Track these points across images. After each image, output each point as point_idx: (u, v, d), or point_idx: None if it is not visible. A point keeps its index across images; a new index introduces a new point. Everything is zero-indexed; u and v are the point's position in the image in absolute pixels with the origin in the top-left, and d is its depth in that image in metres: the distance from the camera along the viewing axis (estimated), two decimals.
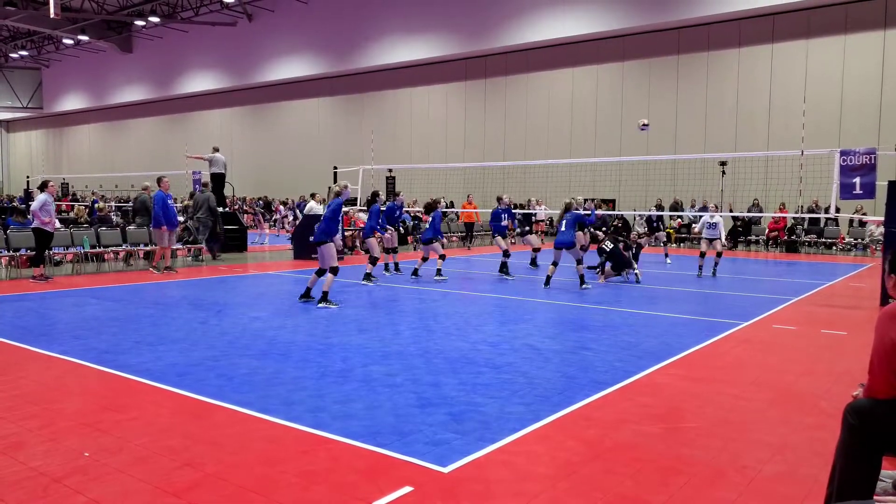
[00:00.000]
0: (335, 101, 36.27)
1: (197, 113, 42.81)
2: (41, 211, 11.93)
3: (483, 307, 9.74)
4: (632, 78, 26.87)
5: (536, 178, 26.81)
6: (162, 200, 13.29)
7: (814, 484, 3.69)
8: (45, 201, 12.03)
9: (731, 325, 8.39)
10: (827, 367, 6.38)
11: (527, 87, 29.59)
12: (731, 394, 5.38)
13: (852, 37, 22.33)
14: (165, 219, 13.20)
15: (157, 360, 6.25)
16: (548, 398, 5.17)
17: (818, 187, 16.65)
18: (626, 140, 26.69)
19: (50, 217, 12.12)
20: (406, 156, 32.07)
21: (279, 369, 5.94)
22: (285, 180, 37.22)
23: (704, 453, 4.12)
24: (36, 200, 12.16)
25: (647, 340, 7.41)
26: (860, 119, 22.04)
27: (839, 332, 8.03)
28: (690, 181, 22.56)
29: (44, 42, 45.35)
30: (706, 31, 24.88)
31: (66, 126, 52.69)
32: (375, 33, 31.78)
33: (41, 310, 9.03)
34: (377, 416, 4.70)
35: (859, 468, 2.95)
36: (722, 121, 24.86)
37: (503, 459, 3.97)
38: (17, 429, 4.40)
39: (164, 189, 13.49)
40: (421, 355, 6.52)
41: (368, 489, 3.53)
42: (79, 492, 3.48)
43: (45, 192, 12.21)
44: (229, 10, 35.63)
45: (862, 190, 10.69)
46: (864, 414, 2.98)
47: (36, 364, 6.11)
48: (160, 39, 41.12)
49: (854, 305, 10.33)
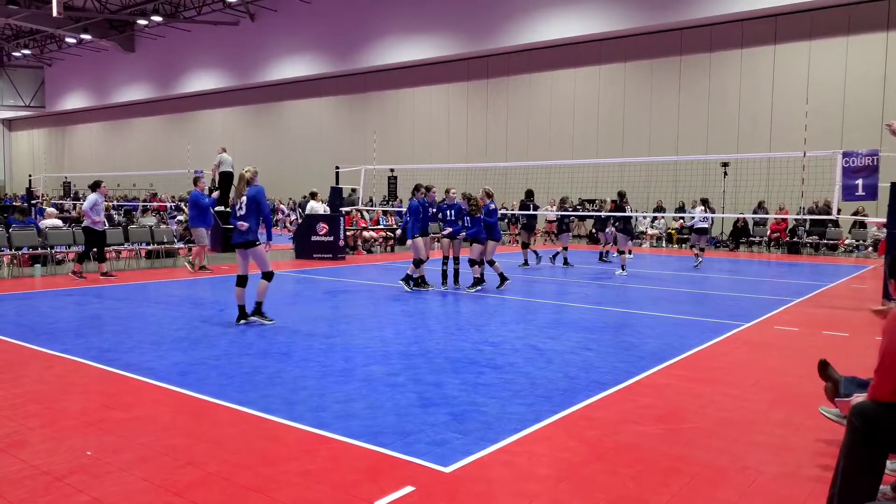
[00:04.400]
0: (338, 101, 36.28)
1: (199, 112, 42.83)
2: (92, 210, 12.02)
3: (484, 307, 9.74)
4: (634, 78, 26.85)
5: (538, 178, 26.79)
6: (197, 200, 13.69)
7: (815, 485, 3.69)
8: (97, 201, 12.12)
9: (733, 326, 8.38)
10: None
11: (529, 88, 29.58)
12: (733, 395, 5.38)
13: (855, 38, 22.29)
14: (201, 219, 13.65)
15: (159, 359, 6.25)
16: (549, 398, 5.17)
17: (820, 189, 16.65)
18: (628, 141, 26.68)
19: (100, 216, 12.20)
20: (408, 156, 32.05)
21: (281, 369, 5.95)
22: (287, 180, 37.20)
23: (706, 454, 4.12)
24: (87, 200, 12.27)
25: (648, 341, 7.40)
26: (863, 120, 21.99)
27: (841, 334, 8.02)
28: (692, 182, 22.54)
29: (46, 41, 45.40)
30: (708, 32, 24.86)
31: (68, 125, 52.72)
32: (378, 33, 31.79)
33: (43, 308, 9.04)
34: (379, 415, 4.70)
35: (862, 471, 2.95)
36: (724, 122, 24.83)
37: (505, 459, 3.97)
38: (20, 427, 4.41)
39: (200, 189, 13.95)
40: (422, 355, 6.53)
41: (370, 489, 3.53)
42: (81, 490, 3.49)
43: (97, 193, 12.29)
44: (232, 9, 35.64)
45: (864, 192, 10.68)
46: (869, 417, 2.97)
47: (38, 362, 6.12)
48: (163, 39, 41.14)
49: (856, 307, 10.31)
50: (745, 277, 14.24)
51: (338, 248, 16.66)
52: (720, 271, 15.27)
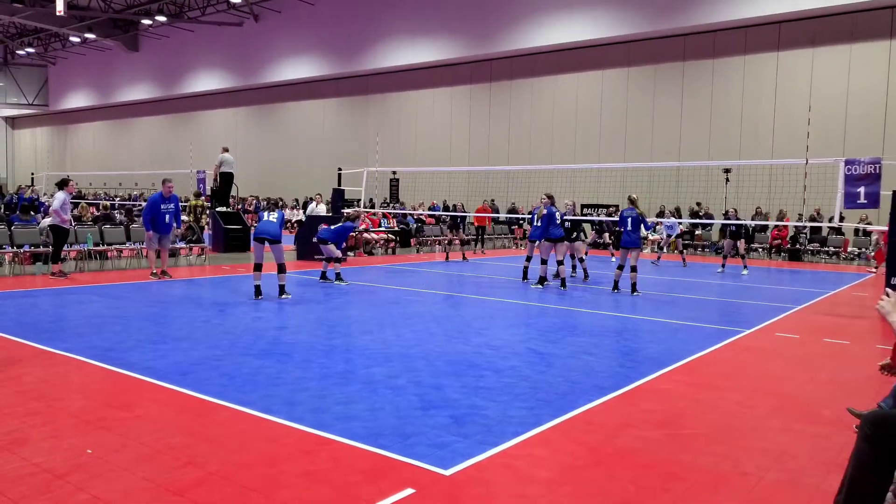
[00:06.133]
0: (340, 103, 36.33)
1: (202, 113, 42.90)
2: (61, 209, 11.99)
3: (485, 310, 9.74)
4: (637, 84, 26.87)
5: (540, 182, 26.80)
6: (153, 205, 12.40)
7: (815, 492, 3.69)
8: (65, 200, 12.10)
9: (734, 332, 8.38)
10: (829, 375, 6.37)
11: (531, 92, 29.61)
12: (734, 401, 5.38)
13: (858, 46, 22.31)
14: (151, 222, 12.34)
15: (160, 358, 6.26)
16: (550, 402, 5.17)
17: (822, 196, 16.65)
18: (630, 146, 26.70)
19: (68, 215, 12.15)
20: (410, 158, 32.09)
21: (282, 369, 5.95)
22: (289, 181, 37.27)
23: (706, 460, 4.12)
24: (56, 199, 12.21)
25: (649, 346, 7.40)
26: (865, 128, 22.00)
27: (842, 342, 8.02)
28: (694, 188, 22.55)
29: (50, 40, 45.51)
30: (712, 39, 24.88)
31: (71, 124, 52.82)
32: (381, 35, 31.84)
33: (45, 306, 9.05)
34: (379, 417, 4.70)
35: (870, 479, 2.93)
36: (727, 128, 24.85)
37: (505, 463, 3.97)
38: (20, 425, 4.41)
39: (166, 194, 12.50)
40: (423, 357, 6.53)
41: (370, 490, 3.54)
42: (81, 489, 3.49)
43: (65, 191, 12.26)
44: (236, 10, 35.72)
45: (866, 199, 10.68)
46: (880, 425, 2.96)
47: (39, 361, 6.12)
48: (166, 39, 41.23)
49: (857, 315, 10.31)
50: (746, 284, 14.23)
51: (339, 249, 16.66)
52: (721, 277, 15.28)
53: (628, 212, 11.87)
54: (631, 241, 11.68)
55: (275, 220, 10.45)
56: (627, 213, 11.84)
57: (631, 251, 11.68)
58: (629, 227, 11.69)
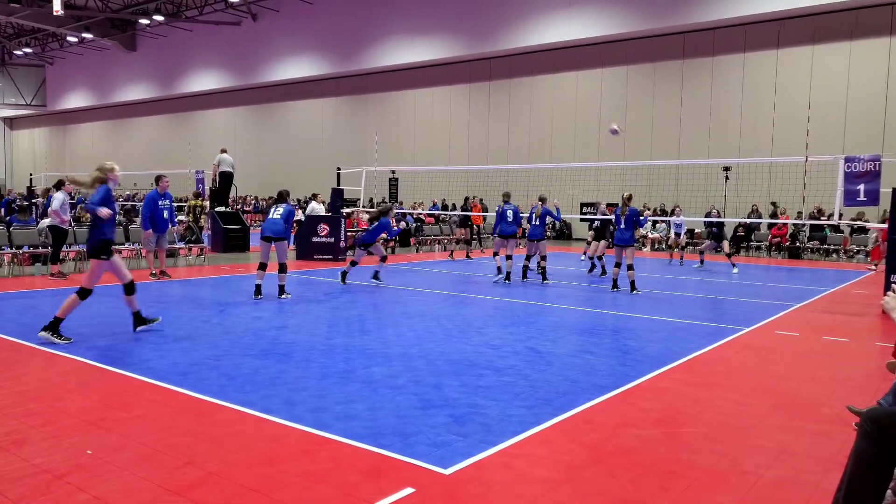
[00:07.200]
0: (339, 102, 36.31)
1: (201, 112, 42.87)
2: (60, 209, 11.97)
3: (485, 309, 9.74)
4: (636, 82, 26.87)
5: (539, 181, 26.81)
6: (151, 202, 12.27)
7: (814, 490, 3.69)
8: (64, 200, 12.09)
9: (734, 330, 8.38)
10: (829, 373, 6.37)
11: (531, 91, 29.61)
12: (733, 399, 5.38)
13: (858, 43, 22.31)
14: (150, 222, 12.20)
15: (160, 358, 6.26)
16: (549, 401, 5.17)
17: (822, 194, 16.66)
18: (629, 144, 26.69)
19: (67, 216, 12.14)
20: (409, 157, 32.08)
21: (281, 369, 5.95)
22: (288, 181, 37.11)
23: (705, 458, 4.12)
24: (55, 199, 12.18)
25: (648, 345, 7.41)
26: (865, 126, 22.01)
27: (841, 339, 8.02)
28: (694, 186, 22.55)
29: (48, 39, 45.47)
30: (711, 36, 24.88)
31: (69, 124, 52.78)
32: (380, 34, 31.83)
33: (44, 307, 9.04)
34: (379, 417, 4.71)
35: (870, 477, 2.93)
36: (726, 126, 24.85)
37: (504, 462, 3.98)
38: (20, 425, 4.41)
39: (161, 190, 12.35)
40: (423, 357, 6.53)
41: (370, 490, 3.54)
42: (81, 489, 3.49)
43: (62, 191, 12.24)
44: (234, 9, 35.70)
45: (866, 197, 10.68)
46: (880, 423, 2.96)
47: (39, 361, 6.12)
48: (164, 38, 41.19)
49: (857, 312, 10.31)
50: (745, 282, 14.24)
51: (339, 249, 16.70)
52: (721, 275, 15.28)
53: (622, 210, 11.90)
54: (624, 239, 11.70)
55: (278, 217, 10.34)
56: (619, 211, 11.88)
57: (625, 249, 11.72)
58: (622, 225, 11.73)
